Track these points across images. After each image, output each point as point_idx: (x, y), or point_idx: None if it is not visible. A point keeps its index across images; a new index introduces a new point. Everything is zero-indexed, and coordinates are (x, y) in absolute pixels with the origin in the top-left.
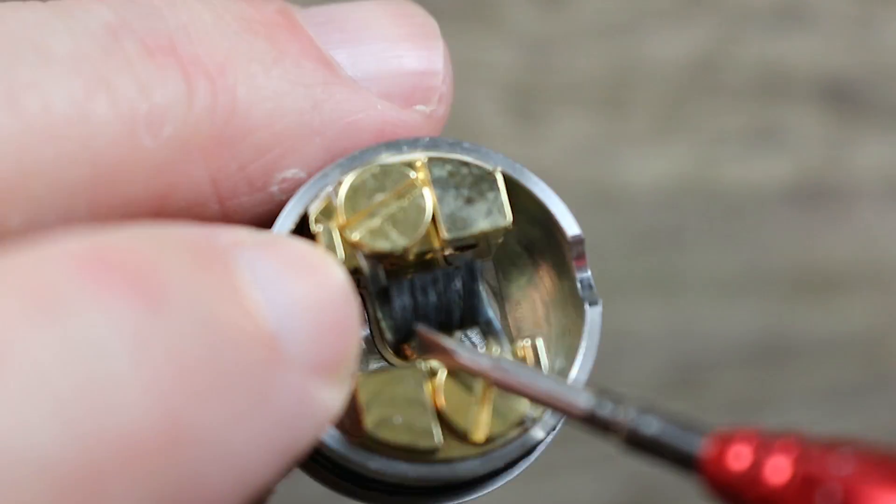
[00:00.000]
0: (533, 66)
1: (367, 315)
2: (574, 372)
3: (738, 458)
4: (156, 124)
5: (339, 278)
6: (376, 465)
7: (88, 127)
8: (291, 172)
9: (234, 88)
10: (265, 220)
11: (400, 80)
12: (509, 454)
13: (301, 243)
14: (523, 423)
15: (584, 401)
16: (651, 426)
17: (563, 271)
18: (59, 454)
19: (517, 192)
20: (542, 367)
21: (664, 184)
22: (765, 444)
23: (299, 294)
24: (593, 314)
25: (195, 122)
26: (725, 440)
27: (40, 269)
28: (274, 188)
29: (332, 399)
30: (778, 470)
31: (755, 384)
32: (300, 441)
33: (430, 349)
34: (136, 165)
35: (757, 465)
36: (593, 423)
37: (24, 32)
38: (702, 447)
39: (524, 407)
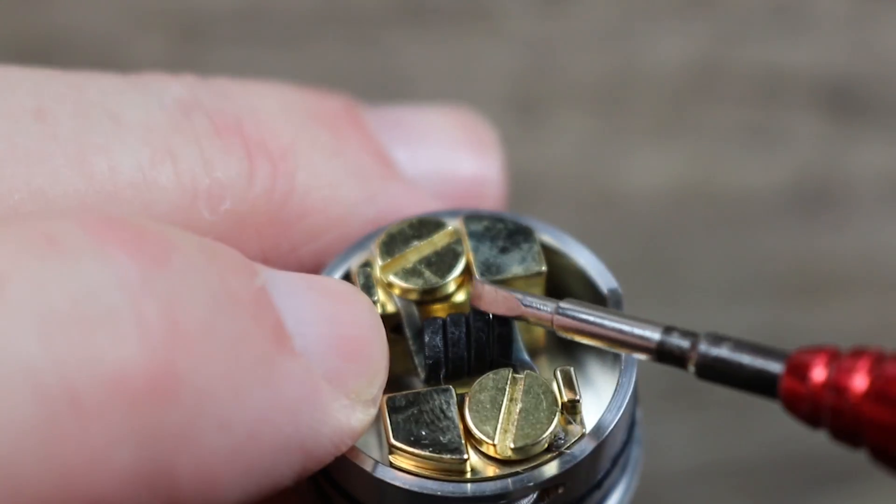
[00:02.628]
0: (533, 67)
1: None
2: (608, 414)
3: (818, 371)
4: (215, 198)
5: (365, 304)
6: (403, 482)
7: (150, 194)
8: None
9: (294, 173)
10: None
11: (454, 184)
12: (540, 477)
13: (333, 279)
14: (554, 444)
15: (654, 334)
16: (726, 352)
17: None
18: (42, 366)
19: (553, 253)
20: (577, 393)
21: (664, 185)
22: (841, 358)
23: (320, 307)
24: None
25: (253, 200)
26: (803, 358)
27: (46, 222)
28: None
29: (352, 418)
30: (857, 378)
31: None
32: (309, 441)
33: (489, 301)
34: None
35: (836, 377)
36: (665, 355)
37: (100, 99)
38: (780, 366)
39: (553, 426)
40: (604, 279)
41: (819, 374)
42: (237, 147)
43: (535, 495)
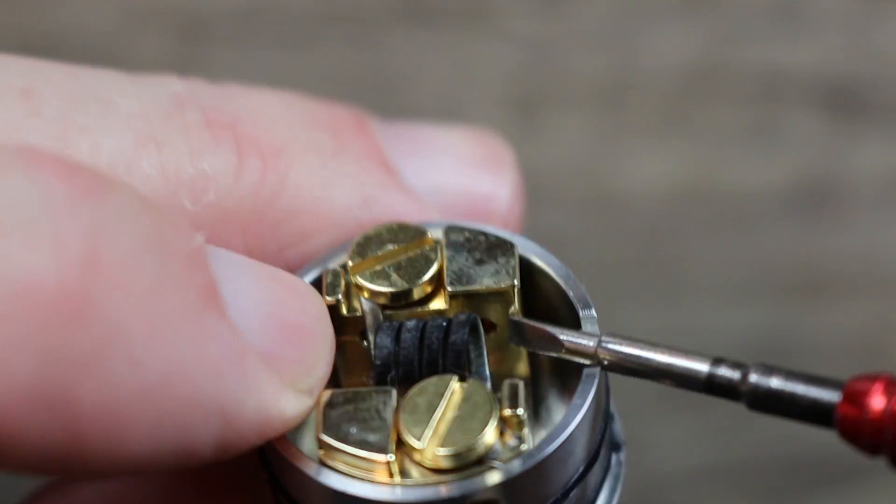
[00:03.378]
0: (533, 67)
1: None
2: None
3: (877, 399)
4: (199, 189)
5: (312, 296)
6: (327, 480)
7: (131, 177)
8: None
9: (286, 172)
10: None
11: (461, 199)
12: (468, 488)
13: (283, 270)
14: (488, 457)
15: (702, 366)
16: (778, 383)
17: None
18: None
19: (534, 272)
20: (519, 407)
21: (664, 185)
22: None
23: (262, 287)
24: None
25: (239, 195)
26: (859, 385)
27: None
28: None
29: (283, 401)
30: None
31: None
32: (230, 408)
33: (527, 338)
34: None
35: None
36: (714, 387)
37: (92, 87)
38: (837, 395)
39: (484, 436)
40: (581, 302)
41: (878, 402)
42: (227, 141)
43: None
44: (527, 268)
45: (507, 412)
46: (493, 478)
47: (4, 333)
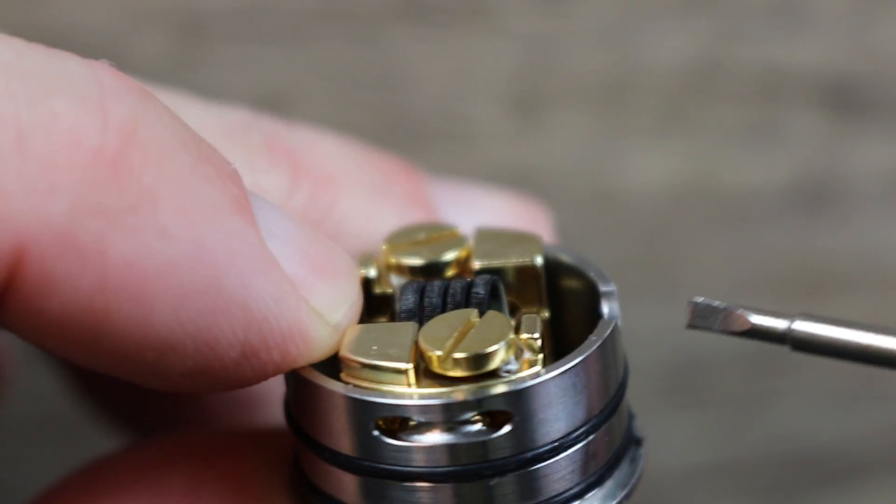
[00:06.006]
0: (534, 65)
1: None
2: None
3: None
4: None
5: (339, 248)
6: (351, 392)
7: None
8: None
9: (335, 199)
10: None
11: None
12: (482, 394)
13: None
14: (502, 371)
15: None
16: None
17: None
18: None
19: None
20: (536, 333)
21: (665, 184)
22: None
23: (297, 228)
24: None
25: (289, 212)
26: None
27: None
28: None
29: (310, 320)
30: None
31: (756, 385)
32: (254, 305)
33: (708, 318)
34: None
35: None
36: None
37: (163, 100)
38: None
39: (501, 345)
40: (601, 278)
41: None
42: (284, 164)
43: (480, 423)
44: (549, 261)
45: (524, 336)
46: (504, 387)
47: (46, 179)
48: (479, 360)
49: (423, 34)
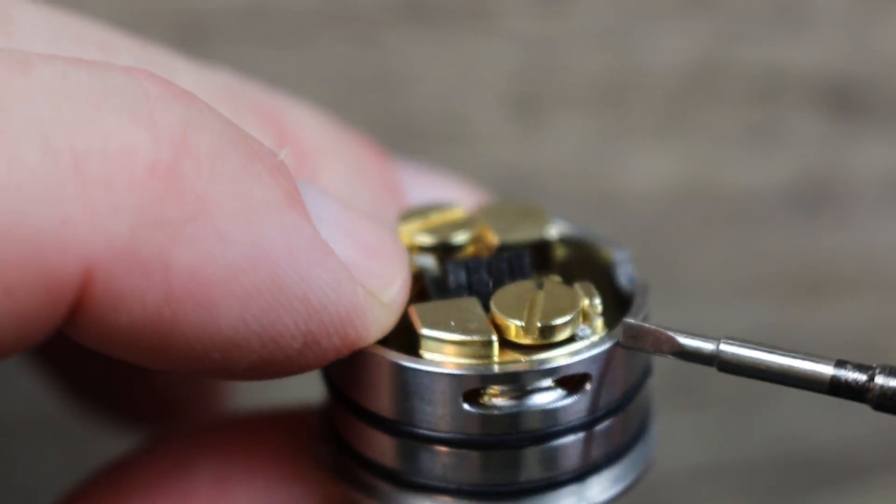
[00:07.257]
0: (533, 67)
1: None
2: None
3: None
4: None
5: (383, 223)
6: (429, 366)
7: None
8: None
9: (318, 173)
10: None
11: None
12: (566, 360)
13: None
14: (577, 336)
15: (826, 369)
16: None
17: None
18: (52, 128)
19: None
20: (597, 298)
21: (664, 185)
22: None
23: (340, 210)
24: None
25: None
26: None
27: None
28: None
29: (367, 303)
30: None
31: (756, 385)
32: (315, 304)
33: (640, 339)
34: None
35: None
36: (839, 389)
37: (161, 56)
38: None
39: (577, 312)
40: (614, 245)
41: None
42: (271, 129)
43: (559, 389)
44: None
45: (586, 302)
46: (585, 350)
47: (106, 201)
48: (558, 327)
49: (424, 35)
